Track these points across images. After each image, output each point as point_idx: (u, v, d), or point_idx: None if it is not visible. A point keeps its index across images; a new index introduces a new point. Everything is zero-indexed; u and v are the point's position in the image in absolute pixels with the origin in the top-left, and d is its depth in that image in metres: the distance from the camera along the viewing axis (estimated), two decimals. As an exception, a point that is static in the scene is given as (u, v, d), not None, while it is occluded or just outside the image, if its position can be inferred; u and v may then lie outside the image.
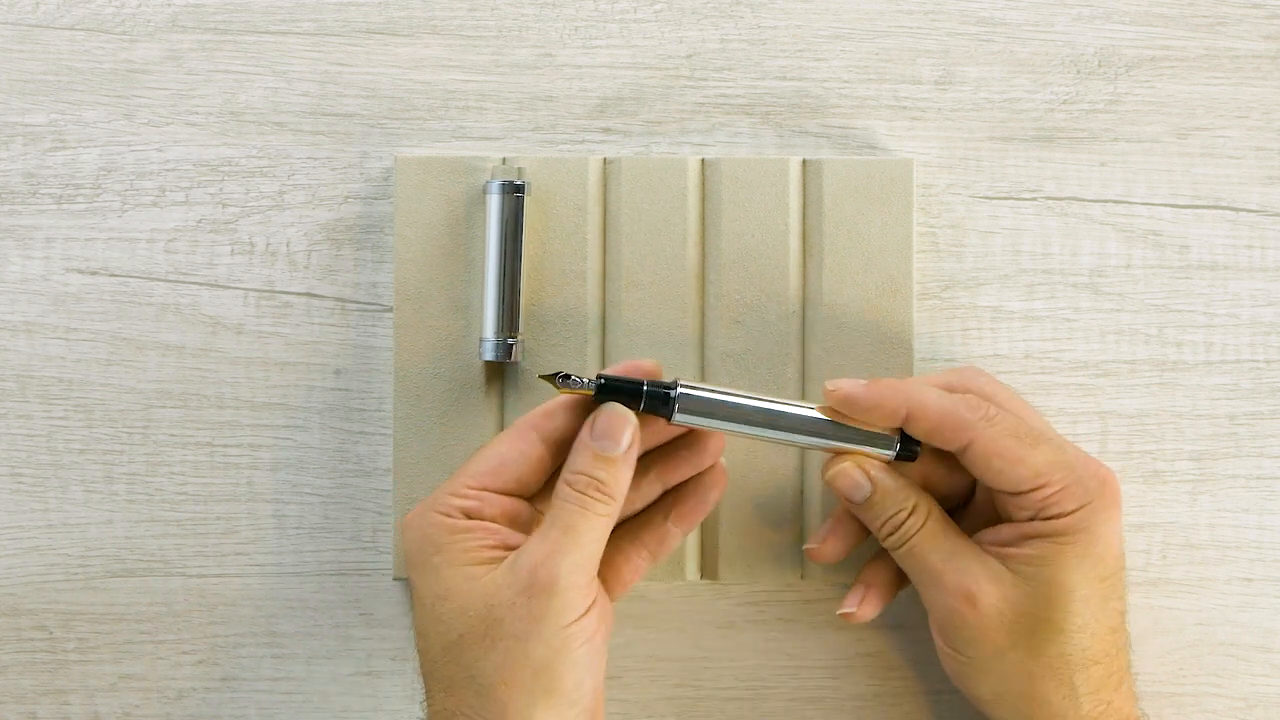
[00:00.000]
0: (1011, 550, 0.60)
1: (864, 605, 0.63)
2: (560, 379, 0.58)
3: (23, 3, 0.68)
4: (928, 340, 0.67)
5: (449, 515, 0.58)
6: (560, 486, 0.58)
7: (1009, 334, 0.68)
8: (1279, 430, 0.68)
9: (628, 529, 0.62)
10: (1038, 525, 0.59)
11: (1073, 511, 0.59)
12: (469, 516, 0.58)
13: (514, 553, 0.57)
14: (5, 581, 0.67)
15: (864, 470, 0.60)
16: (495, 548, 0.58)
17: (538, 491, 0.60)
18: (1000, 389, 0.62)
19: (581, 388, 0.58)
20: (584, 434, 0.58)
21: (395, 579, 0.66)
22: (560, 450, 0.59)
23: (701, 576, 0.66)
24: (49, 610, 0.67)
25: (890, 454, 0.61)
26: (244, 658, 0.67)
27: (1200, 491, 0.67)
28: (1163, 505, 0.67)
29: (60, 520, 0.67)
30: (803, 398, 0.66)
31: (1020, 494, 0.59)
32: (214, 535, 0.67)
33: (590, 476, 0.57)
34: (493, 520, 0.58)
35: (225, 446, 0.67)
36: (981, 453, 0.60)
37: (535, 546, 0.57)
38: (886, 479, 0.60)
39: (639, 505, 0.62)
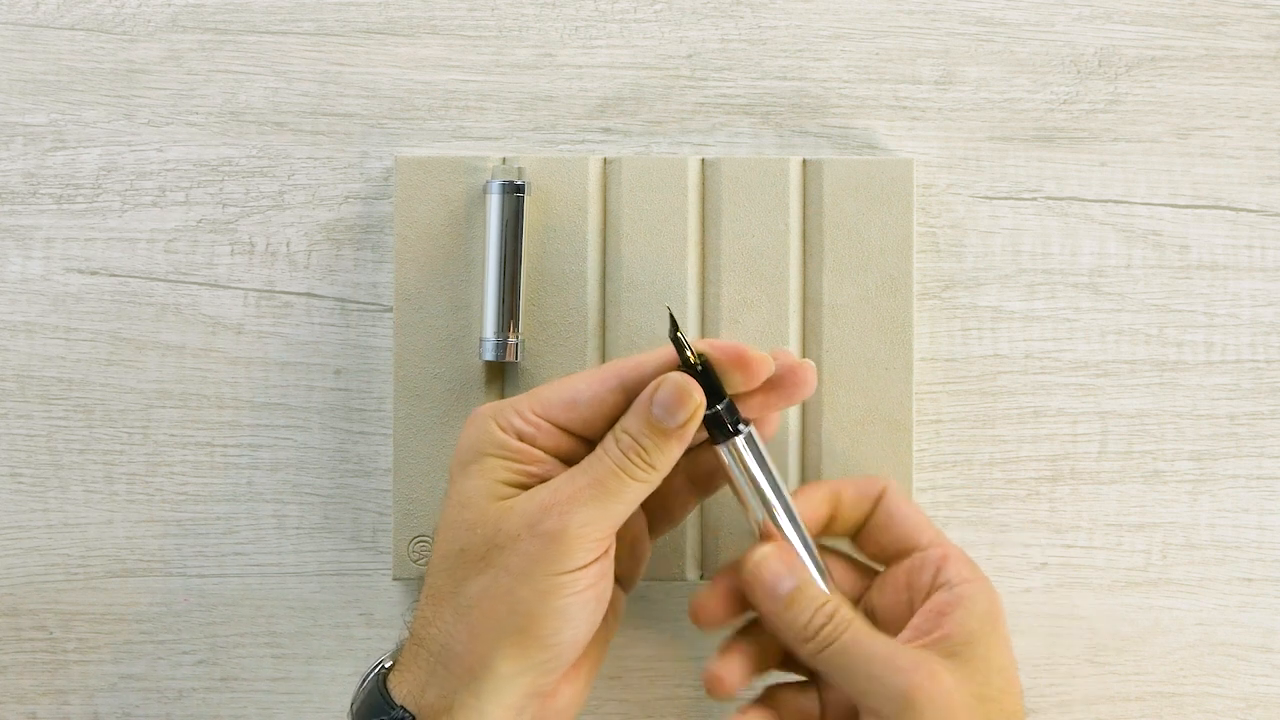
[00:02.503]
0: (927, 639, 0.58)
1: (731, 669, 0.60)
2: (676, 330, 0.57)
3: (23, 3, 0.68)
4: (928, 340, 0.67)
5: (504, 430, 0.57)
6: (607, 439, 0.56)
7: (1009, 334, 0.68)
8: (1279, 430, 0.68)
9: (679, 465, 0.59)
10: (946, 596, 0.58)
11: (970, 580, 0.59)
12: (521, 439, 0.57)
13: (536, 487, 0.56)
14: (5, 581, 0.67)
15: (786, 560, 0.58)
16: (533, 475, 0.56)
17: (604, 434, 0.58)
18: None
19: (682, 352, 0.57)
20: (645, 394, 0.56)
21: (395, 579, 0.66)
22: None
23: (701, 577, 0.66)
24: (49, 610, 0.67)
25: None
26: (244, 658, 0.67)
27: (1200, 491, 0.68)
28: (1163, 505, 0.67)
29: (60, 520, 0.67)
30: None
31: (920, 549, 0.60)
32: (214, 535, 0.67)
33: (636, 441, 0.56)
34: (542, 449, 0.57)
35: (225, 446, 0.67)
36: (893, 496, 0.61)
37: (558, 486, 0.56)
38: (808, 571, 0.59)
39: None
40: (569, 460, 0.57)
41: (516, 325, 0.65)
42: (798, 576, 0.58)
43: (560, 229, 0.66)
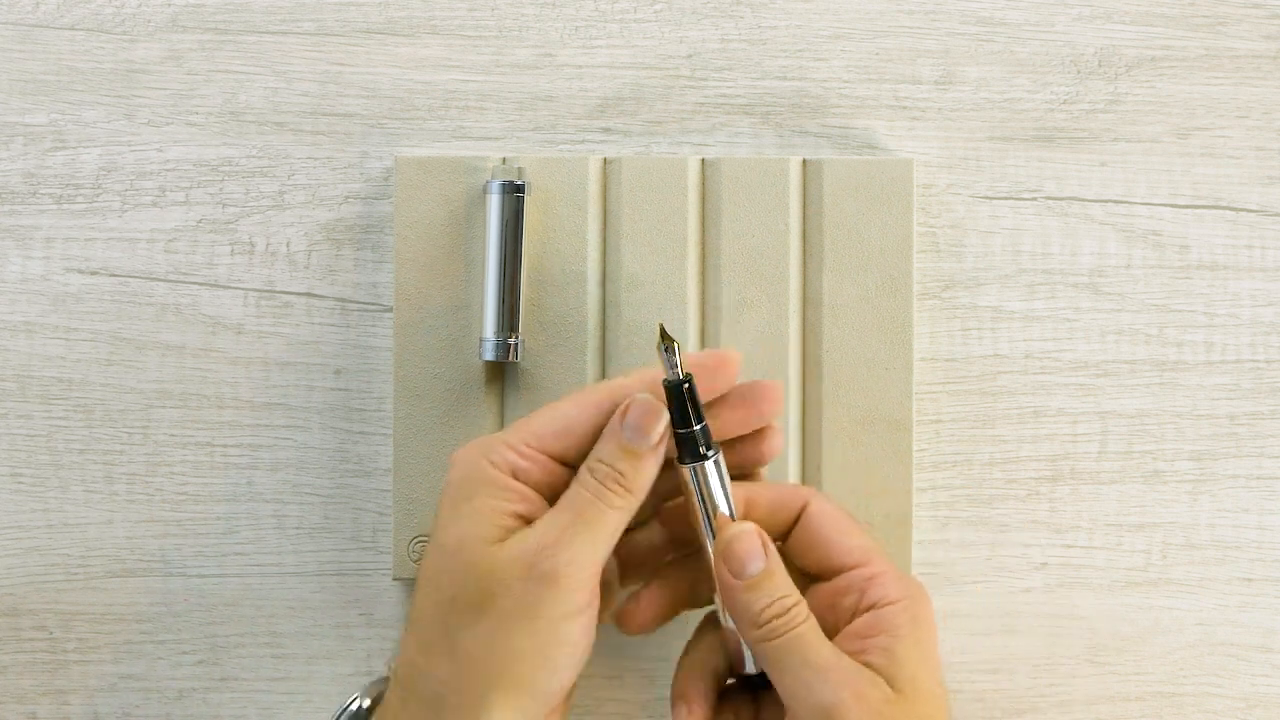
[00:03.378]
0: (863, 656, 0.57)
1: (644, 607, 0.60)
2: (666, 343, 0.56)
3: (23, 3, 0.68)
4: (928, 340, 0.67)
5: (498, 467, 0.56)
6: (582, 472, 0.56)
7: (1009, 334, 0.68)
8: (1279, 430, 0.68)
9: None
10: (870, 620, 0.57)
11: (898, 600, 0.58)
12: (516, 475, 0.57)
13: (524, 530, 0.56)
14: (5, 581, 0.67)
15: (763, 543, 0.58)
16: (520, 516, 0.56)
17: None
18: None
19: (668, 365, 0.56)
20: (614, 421, 0.57)
21: (394, 579, 0.66)
22: None
23: (701, 576, 0.66)
24: (49, 610, 0.67)
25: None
26: (244, 658, 0.67)
27: (1200, 491, 0.68)
28: (1163, 505, 0.67)
29: (60, 520, 0.67)
30: (803, 399, 0.66)
31: (845, 570, 0.59)
32: (214, 535, 0.67)
33: (612, 468, 0.56)
34: (534, 485, 0.57)
35: (225, 446, 0.67)
36: (816, 515, 0.59)
37: (544, 530, 0.55)
38: (779, 561, 0.58)
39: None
40: (551, 492, 0.57)
41: (516, 325, 0.65)
42: (769, 562, 0.58)
43: (560, 229, 0.66)
